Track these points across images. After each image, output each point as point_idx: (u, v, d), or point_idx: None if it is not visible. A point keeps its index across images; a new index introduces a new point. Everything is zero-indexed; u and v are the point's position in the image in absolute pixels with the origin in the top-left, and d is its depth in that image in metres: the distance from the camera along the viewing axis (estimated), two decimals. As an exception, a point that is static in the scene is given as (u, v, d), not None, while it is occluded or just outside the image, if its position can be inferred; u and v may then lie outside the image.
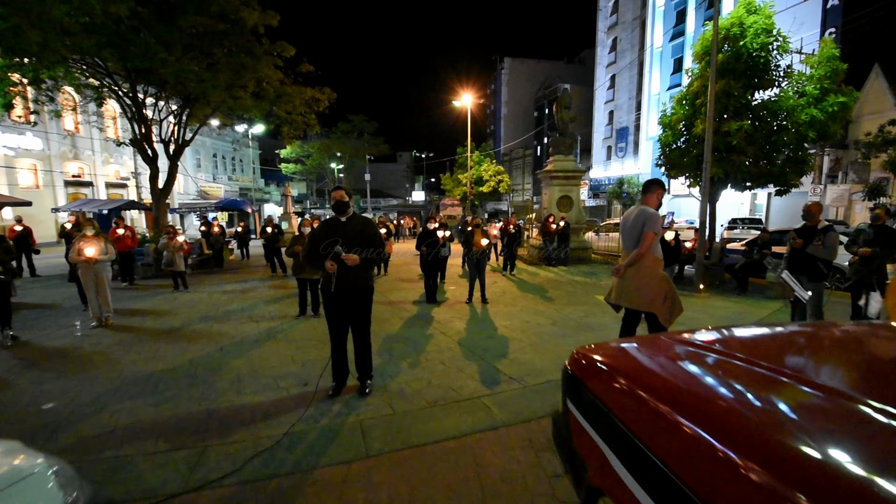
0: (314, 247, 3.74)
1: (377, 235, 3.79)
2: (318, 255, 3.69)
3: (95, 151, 28.59)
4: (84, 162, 28.03)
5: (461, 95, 24.70)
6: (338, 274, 3.62)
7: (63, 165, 26.56)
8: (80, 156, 27.81)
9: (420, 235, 7.96)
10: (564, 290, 9.24)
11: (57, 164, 25.74)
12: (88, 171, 28.43)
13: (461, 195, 30.19)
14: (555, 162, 14.21)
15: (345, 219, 3.77)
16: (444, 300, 8.19)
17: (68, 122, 26.47)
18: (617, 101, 37.45)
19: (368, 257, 3.68)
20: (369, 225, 3.83)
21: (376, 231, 3.82)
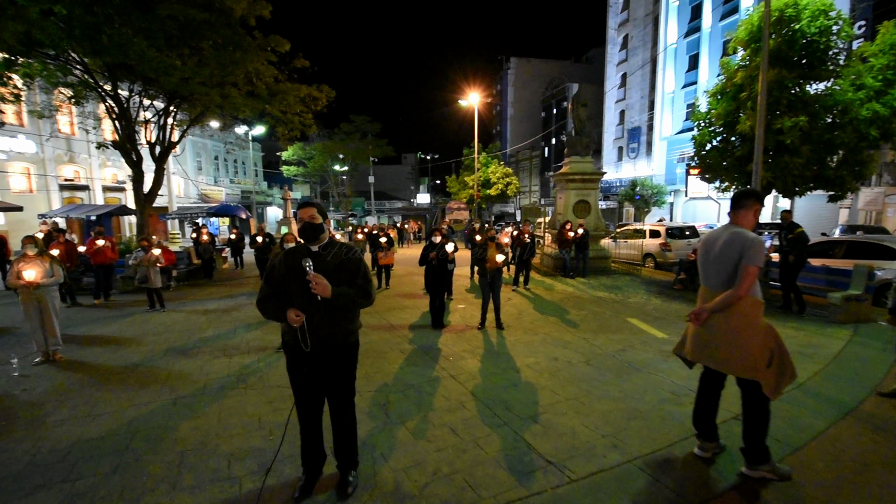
0: (270, 289, 2.66)
1: (364, 272, 2.71)
2: (273, 301, 2.62)
3: (92, 154, 27.76)
4: (80, 165, 27.21)
5: (467, 95, 23.66)
6: (309, 324, 2.55)
7: (58, 169, 25.72)
8: (76, 159, 26.98)
9: (425, 250, 6.86)
10: (589, 309, 8.09)
11: (51, 167, 24.92)
12: (84, 175, 27.59)
13: (468, 198, 29.08)
14: (571, 164, 13.07)
15: (317, 248, 2.68)
16: (451, 324, 7.09)
17: (63, 125, 25.74)
18: (628, 101, 36.20)
19: (349, 299, 2.60)
20: (351, 258, 2.73)
21: (362, 266, 2.73)
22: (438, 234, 6.89)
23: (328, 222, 2.67)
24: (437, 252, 6.74)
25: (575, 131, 13.32)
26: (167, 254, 11.14)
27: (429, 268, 6.75)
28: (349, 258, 2.70)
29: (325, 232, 2.71)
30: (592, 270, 12.37)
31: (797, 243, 7.21)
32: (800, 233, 7.26)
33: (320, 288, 2.48)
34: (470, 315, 7.76)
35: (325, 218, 2.74)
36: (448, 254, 6.74)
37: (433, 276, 6.71)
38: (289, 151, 34.74)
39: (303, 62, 12.75)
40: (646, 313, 7.77)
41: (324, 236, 2.70)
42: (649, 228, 14.59)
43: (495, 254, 6.48)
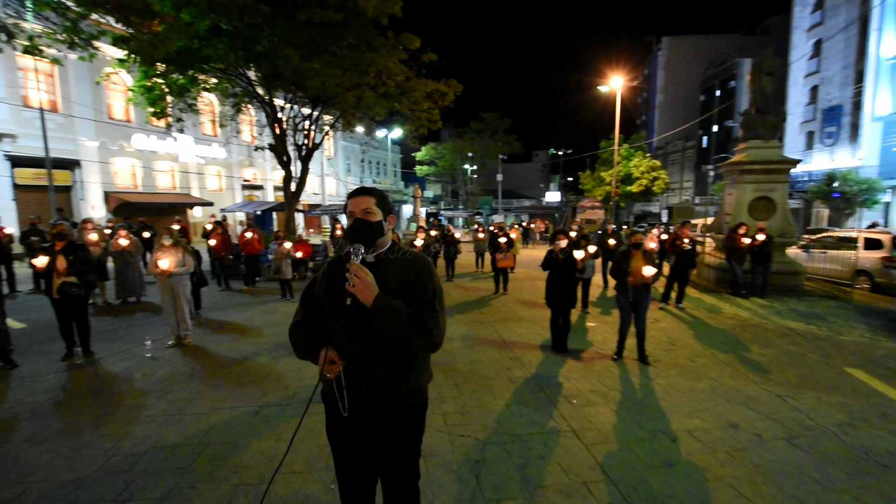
0: (305, 312, 1.87)
1: (433, 295, 1.73)
2: (305, 331, 1.82)
3: (266, 159, 32.57)
4: (257, 168, 32.07)
5: (608, 79, 21.09)
6: (349, 373, 1.70)
7: (241, 171, 30.66)
8: (254, 163, 31.85)
9: (549, 254, 5.61)
10: (779, 347, 5.87)
11: (236, 170, 29.78)
12: (260, 176, 32.52)
13: (603, 195, 26.22)
14: (748, 150, 10.25)
15: (373, 256, 1.79)
16: (580, 349, 5.73)
17: (245, 134, 30.66)
18: (823, 73, 28.64)
19: (401, 324, 1.64)
20: (423, 272, 1.78)
21: (433, 285, 1.75)
22: (563, 238, 5.57)
23: (391, 221, 1.69)
24: (559, 255, 5.46)
25: (755, 108, 10.41)
26: (304, 246, 11.88)
27: (551, 275, 5.50)
28: (420, 272, 1.75)
29: (386, 234, 1.81)
30: (775, 289, 9.49)
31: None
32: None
33: (361, 287, 1.61)
34: (602, 338, 6.26)
35: (388, 213, 1.83)
36: (577, 261, 5.40)
37: (556, 286, 5.44)
38: (422, 152, 36.04)
39: (430, 56, 12.43)
40: (877, 362, 5.29)
41: (384, 240, 1.80)
42: (865, 236, 10.71)
43: (642, 265, 4.93)
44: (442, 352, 5.51)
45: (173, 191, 24.53)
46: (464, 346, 5.76)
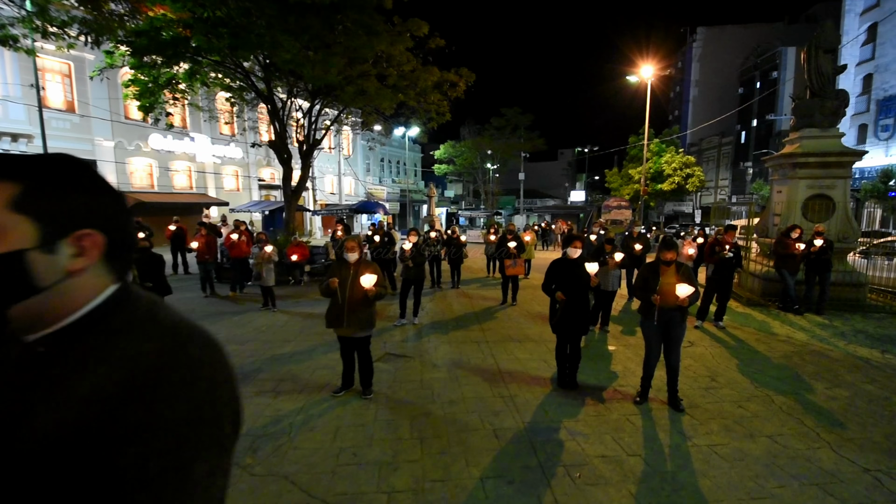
0: None
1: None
2: None
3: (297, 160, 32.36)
4: (274, 168, 31.85)
5: (638, 70, 19.53)
6: None
7: (258, 171, 30.50)
8: (272, 163, 31.66)
9: (550, 270, 4.48)
10: (852, 387, 4.58)
11: (253, 170, 29.60)
12: (277, 176, 32.31)
13: (631, 194, 24.53)
14: (802, 140, 8.77)
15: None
16: (594, 384, 4.60)
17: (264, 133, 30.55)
18: (879, 60, 26.04)
19: None
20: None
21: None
22: (578, 245, 4.42)
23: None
24: (561, 270, 4.35)
25: (810, 92, 8.91)
26: (299, 249, 11.10)
27: (557, 292, 4.37)
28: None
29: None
30: (833, 303, 8.04)
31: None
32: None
33: None
34: (623, 368, 5.10)
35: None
36: (591, 277, 4.26)
37: (564, 306, 4.32)
38: (440, 150, 35.03)
39: (437, 42, 11.42)
40: None
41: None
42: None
43: (675, 282, 3.77)
44: (419, 385, 4.50)
45: (190, 191, 24.42)
46: (448, 379, 4.72)
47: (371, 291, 3.87)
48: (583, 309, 4.34)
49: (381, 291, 3.99)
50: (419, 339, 6.28)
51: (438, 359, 5.40)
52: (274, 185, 31.31)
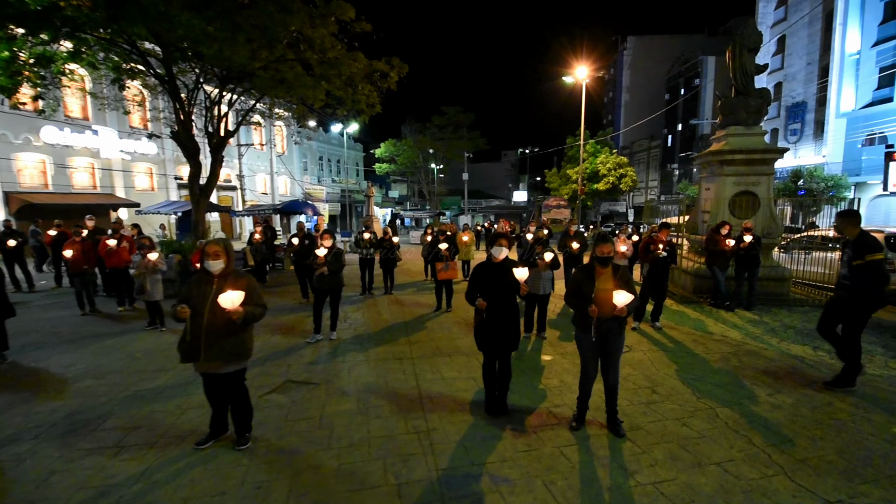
0: None
1: None
2: None
3: (206, 154, 29.71)
4: (196, 165, 29.11)
5: (573, 70, 19.69)
6: None
7: (177, 169, 27.73)
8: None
9: (475, 273, 3.80)
10: (794, 392, 4.30)
11: (170, 167, 26.83)
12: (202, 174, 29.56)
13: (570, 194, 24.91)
14: (728, 137, 8.84)
15: None
16: (526, 406, 3.98)
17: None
18: (788, 70, 28.46)
19: None
20: None
21: None
22: (504, 244, 3.77)
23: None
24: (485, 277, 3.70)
25: (735, 90, 9.02)
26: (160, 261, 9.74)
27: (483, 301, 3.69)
28: None
29: None
30: (760, 298, 8.13)
31: (866, 275, 4.16)
32: (873, 262, 4.12)
33: None
34: (560, 383, 4.53)
35: None
36: (520, 283, 3.62)
37: (490, 318, 3.65)
38: (381, 148, 33.88)
39: (363, 26, 10.50)
40: (934, 415, 3.77)
41: None
42: (853, 235, 9.53)
43: (614, 289, 3.21)
44: (317, 423, 3.64)
45: (93, 190, 21.54)
46: (356, 411, 3.89)
47: (235, 314, 2.96)
48: (511, 321, 3.69)
49: (252, 313, 3.10)
50: (333, 358, 5.38)
51: (350, 384, 4.54)
52: (197, 184, 28.62)
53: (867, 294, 4.21)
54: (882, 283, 4.20)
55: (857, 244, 4.24)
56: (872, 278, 4.16)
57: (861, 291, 4.22)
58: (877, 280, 4.18)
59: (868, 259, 4.14)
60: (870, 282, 4.17)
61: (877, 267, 4.15)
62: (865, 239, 4.25)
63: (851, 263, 4.27)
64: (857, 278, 4.23)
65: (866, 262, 4.15)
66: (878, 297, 4.22)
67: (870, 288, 4.18)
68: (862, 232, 4.33)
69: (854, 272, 4.25)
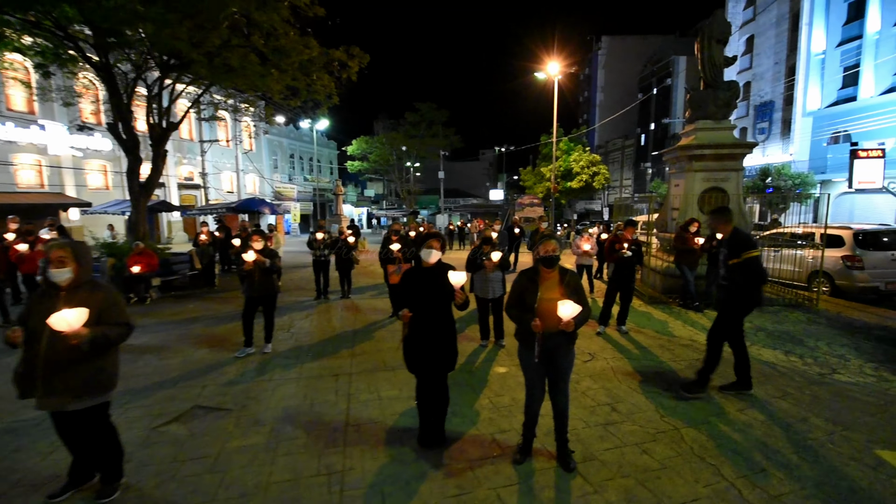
0: None
1: None
2: None
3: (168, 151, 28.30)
4: (156, 162, 27.70)
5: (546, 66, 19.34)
6: None
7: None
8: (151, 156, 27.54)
9: (403, 280, 3.23)
10: (766, 406, 3.89)
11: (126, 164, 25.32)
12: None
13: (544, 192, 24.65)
14: (697, 132, 8.53)
15: None
16: (467, 432, 3.44)
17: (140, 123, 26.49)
18: (756, 69, 28.93)
19: None
20: None
21: None
22: (435, 246, 3.20)
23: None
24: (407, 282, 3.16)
25: (704, 83, 8.72)
26: (144, 258, 8.92)
27: (413, 315, 3.12)
28: None
29: None
30: (731, 298, 7.81)
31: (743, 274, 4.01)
32: (749, 259, 3.97)
33: None
34: (511, 402, 4.00)
35: None
36: (454, 290, 3.06)
37: (417, 332, 3.09)
38: (353, 145, 32.96)
39: (317, 10, 9.79)
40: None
41: None
42: (820, 232, 9.33)
43: (557, 297, 2.69)
44: (210, 464, 3.01)
45: (40, 189, 20.10)
46: (263, 446, 3.27)
47: (76, 337, 2.31)
48: (444, 335, 3.13)
49: (105, 336, 2.45)
50: (258, 376, 4.73)
51: (268, 409, 3.92)
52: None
53: (747, 293, 4.01)
54: (759, 282, 4.03)
55: (732, 242, 4.08)
56: (750, 277, 3.97)
57: (739, 290, 4.01)
58: (755, 278, 3.98)
59: (745, 257, 3.94)
60: (748, 280, 3.97)
61: (754, 264, 3.94)
62: (739, 236, 4.09)
63: (728, 263, 4.07)
64: (734, 277, 4.03)
65: (742, 260, 3.94)
66: (757, 296, 4.05)
67: (748, 286, 3.99)
68: (735, 229, 4.17)
69: (730, 271, 4.05)
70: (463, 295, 3.06)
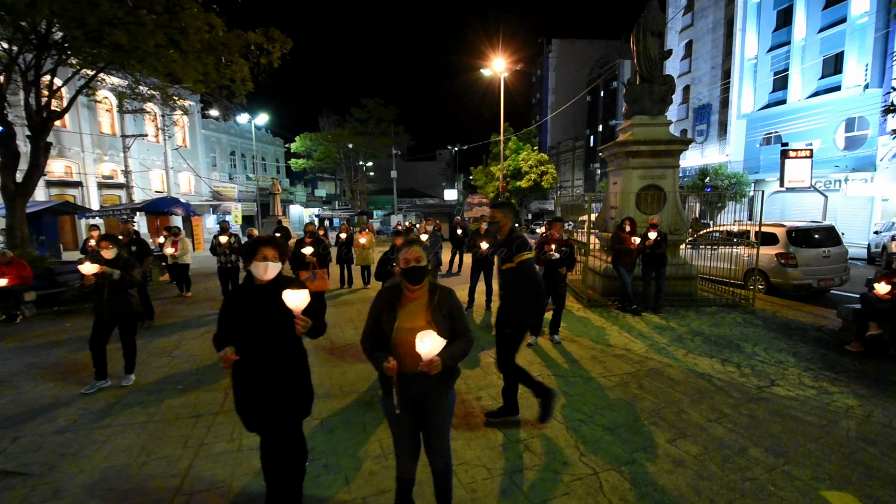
0: None
1: None
2: None
3: (85, 148, 25.65)
4: (71, 160, 25.05)
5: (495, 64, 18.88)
6: None
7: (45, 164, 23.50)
8: (66, 153, 24.85)
9: (225, 303, 2.42)
10: (701, 434, 3.35)
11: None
12: (77, 171, 25.44)
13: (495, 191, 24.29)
14: (634, 127, 8.18)
15: None
16: (331, 499, 2.64)
17: (52, 116, 23.70)
18: (695, 74, 30.03)
19: None
20: None
21: None
22: (271, 256, 2.38)
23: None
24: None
25: (640, 77, 8.39)
26: (13, 269, 7.50)
27: (237, 350, 2.26)
28: None
29: None
30: (669, 298, 7.51)
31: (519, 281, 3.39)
32: (522, 263, 3.37)
33: None
34: (404, 442, 3.24)
35: None
36: (296, 318, 2.25)
37: (246, 374, 2.26)
38: (297, 142, 31.29)
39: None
40: (851, 460, 2.95)
41: None
42: (755, 230, 9.28)
43: (424, 326, 1.96)
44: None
45: None
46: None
47: None
48: (285, 373, 2.32)
49: None
50: (96, 421, 3.71)
51: (82, 471, 2.95)
52: (72, 181, 24.52)
53: (521, 306, 3.32)
54: (536, 292, 3.31)
55: (508, 243, 3.36)
56: (523, 284, 3.31)
57: (513, 302, 3.35)
58: (530, 287, 3.31)
59: (517, 261, 3.28)
60: (521, 289, 3.31)
61: (525, 271, 3.29)
62: (514, 236, 3.37)
63: (502, 268, 3.40)
64: (507, 287, 3.40)
65: (516, 264, 3.29)
66: (533, 311, 3.36)
67: (524, 297, 3.31)
68: (511, 229, 3.44)
69: (504, 279, 3.41)
70: (304, 322, 2.24)
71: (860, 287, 9.26)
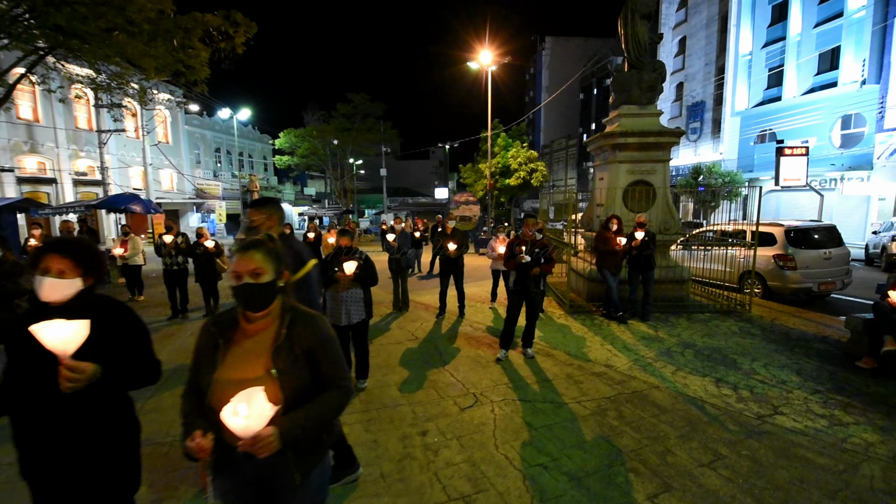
0: None
1: None
2: None
3: (60, 144, 24.70)
4: (45, 156, 24.12)
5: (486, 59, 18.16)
6: None
7: (16, 160, 22.70)
8: (39, 149, 23.93)
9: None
10: (692, 485, 2.68)
11: (6, 158, 21.85)
12: (51, 167, 24.49)
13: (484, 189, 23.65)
14: (622, 119, 7.51)
15: None
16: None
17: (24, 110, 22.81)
18: (688, 70, 29.47)
19: None
20: None
21: None
22: (54, 266, 1.75)
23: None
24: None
25: (629, 63, 7.72)
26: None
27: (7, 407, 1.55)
28: None
29: None
30: (657, 302, 6.85)
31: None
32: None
33: None
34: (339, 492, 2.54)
35: None
36: (61, 364, 1.56)
37: (29, 444, 1.56)
38: (281, 139, 30.44)
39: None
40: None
41: None
42: (751, 230, 8.60)
43: (260, 378, 1.26)
44: None
45: None
46: None
47: None
48: (82, 451, 1.59)
49: None
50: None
51: None
52: (45, 178, 23.61)
53: None
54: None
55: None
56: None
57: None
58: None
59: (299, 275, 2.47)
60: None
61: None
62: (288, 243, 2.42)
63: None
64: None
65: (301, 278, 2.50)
66: None
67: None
68: (283, 234, 2.53)
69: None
70: (77, 374, 1.50)
71: (862, 291, 8.67)
